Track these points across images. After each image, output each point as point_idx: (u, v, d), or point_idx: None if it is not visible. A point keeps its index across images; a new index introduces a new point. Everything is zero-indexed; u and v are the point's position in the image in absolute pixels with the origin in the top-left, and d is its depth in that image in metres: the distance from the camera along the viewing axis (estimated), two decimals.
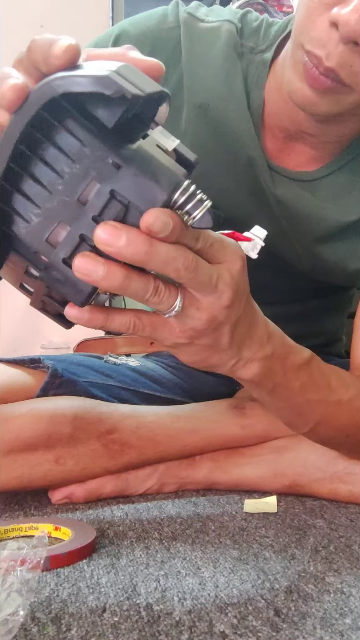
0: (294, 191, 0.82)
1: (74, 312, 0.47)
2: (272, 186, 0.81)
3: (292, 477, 0.81)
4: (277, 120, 0.80)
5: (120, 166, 0.41)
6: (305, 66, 0.66)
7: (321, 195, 0.82)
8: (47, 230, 0.43)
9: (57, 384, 0.83)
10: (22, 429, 0.75)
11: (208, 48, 0.80)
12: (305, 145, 0.81)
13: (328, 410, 0.68)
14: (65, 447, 0.77)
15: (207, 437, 0.84)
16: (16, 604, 0.42)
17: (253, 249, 0.52)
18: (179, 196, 0.42)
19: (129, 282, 0.44)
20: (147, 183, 0.41)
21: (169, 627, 0.45)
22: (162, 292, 0.46)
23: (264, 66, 0.80)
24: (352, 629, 0.45)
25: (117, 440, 0.80)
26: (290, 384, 0.63)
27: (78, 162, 0.42)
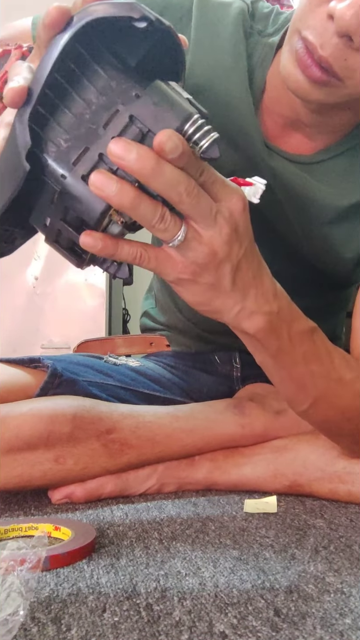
0: (290, 169, 0.82)
1: (88, 239, 0.50)
2: (268, 158, 0.82)
3: (292, 477, 0.81)
4: (277, 105, 0.81)
5: (140, 96, 0.47)
6: (299, 53, 0.67)
7: (318, 178, 0.83)
8: (74, 154, 0.47)
9: (56, 383, 0.83)
10: (21, 428, 0.75)
11: (218, 20, 0.82)
12: (302, 135, 0.82)
13: (329, 387, 0.68)
14: (64, 447, 0.77)
15: (206, 437, 0.84)
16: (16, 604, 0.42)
17: (255, 194, 0.57)
18: (189, 126, 0.47)
19: (139, 202, 0.48)
20: (163, 112, 0.46)
21: (169, 627, 0.45)
22: (168, 220, 0.50)
23: (270, 49, 0.81)
24: (352, 629, 0.45)
25: (117, 440, 0.80)
26: (294, 351, 0.64)
27: (104, 94, 0.47)
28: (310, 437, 0.82)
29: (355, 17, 0.61)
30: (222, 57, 0.81)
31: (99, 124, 0.47)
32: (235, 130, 0.81)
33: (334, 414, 0.71)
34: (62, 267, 2.05)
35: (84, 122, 0.47)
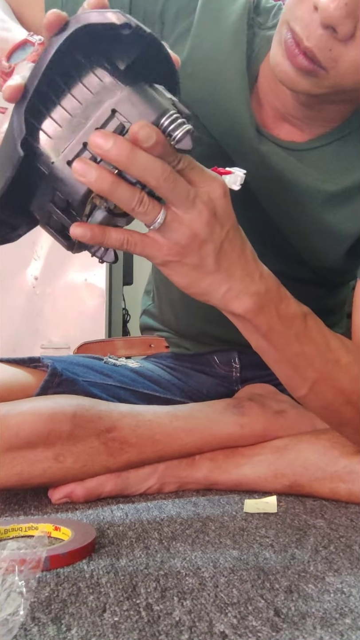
0: (279, 154, 0.82)
1: (78, 230, 0.55)
2: (257, 143, 0.82)
3: (292, 477, 0.81)
4: (268, 97, 0.81)
5: (123, 93, 0.52)
6: (287, 43, 0.68)
7: (307, 164, 0.83)
8: (62, 144, 0.53)
9: (56, 382, 0.83)
10: (21, 427, 0.76)
11: (223, 7, 0.83)
12: (292, 127, 0.82)
13: (326, 368, 0.69)
14: (64, 445, 0.77)
15: (206, 436, 0.84)
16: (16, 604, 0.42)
17: (235, 182, 0.60)
18: (165, 120, 0.52)
19: (116, 187, 0.53)
20: (141, 106, 0.52)
21: (169, 627, 0.45)
22: (147, 203, 0.54)
23: (267, 42, 0.81)
24: (352, 629, 0.45)
25: (117, 439, 0.80)
26: (286, 332, 0.66)
27: (93, 92, 0.52)
28: (311, 437, 0.82)
29: (338, 8, 0.62)
30: (223, 42, 0.82)
31: (87, 117, 0.52)
32: (228, 113, 0.82)
33: (333, 397, 0.71)
34: (62, 267, 2.05)
35: (74, 115, 0.52)
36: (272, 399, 0.91)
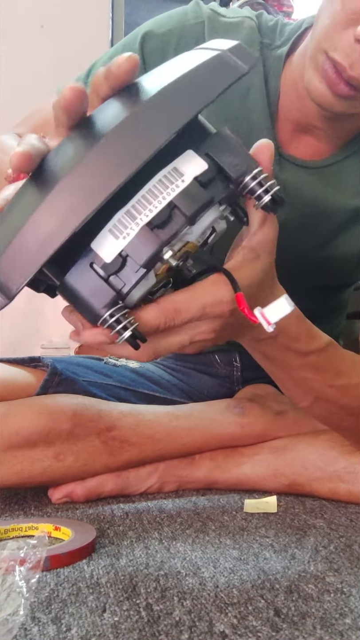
0: (300, 176, 0.84)
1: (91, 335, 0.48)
2: (278, 170, 0.83)
3: (291, 477, 0.81)
4: (289, 112, 0.83)
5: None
6: (327, 72, 0.71)
7: (327, 181, 0.84)
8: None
9: (56, 382, 0.83)
10: (21, 425, 0.76)
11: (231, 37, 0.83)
12: (312, 138, 0.83)
13: (330, 391, 0.68)
14: (64, 444, 0.78)
15: (206, 436, 0.84)
16: (16, 604, 0.42)
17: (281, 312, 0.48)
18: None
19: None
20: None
21: (169, 627, 0.45)
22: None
23: (279, 60, 0.83)
24: (352, 629, 0.45)
25: (117, 437, 0.80)
26: (294, 363, 0.64)
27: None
28: (311, 437, 0.82)
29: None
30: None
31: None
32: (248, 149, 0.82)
33: (336, 410, 0.71)
34: None
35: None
36: (272, 400, 0.91)
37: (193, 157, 0.43)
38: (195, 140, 0.43)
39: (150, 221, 0.41)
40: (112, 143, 0.39)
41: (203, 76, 0.41)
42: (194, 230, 0.46)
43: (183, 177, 0.42)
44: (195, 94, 0.40)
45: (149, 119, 0.39)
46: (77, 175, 0.38)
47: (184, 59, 0.44)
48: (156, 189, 0.41)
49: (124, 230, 0.41)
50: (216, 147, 0.44)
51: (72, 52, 1.91)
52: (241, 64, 0.42)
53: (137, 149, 0.38)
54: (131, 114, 0.39)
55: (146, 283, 0.45)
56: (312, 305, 0.70)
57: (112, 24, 2.13)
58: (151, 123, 0.39)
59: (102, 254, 0.42)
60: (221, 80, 0.41)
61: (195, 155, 0.43)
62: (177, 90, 0.40)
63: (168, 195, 0.41)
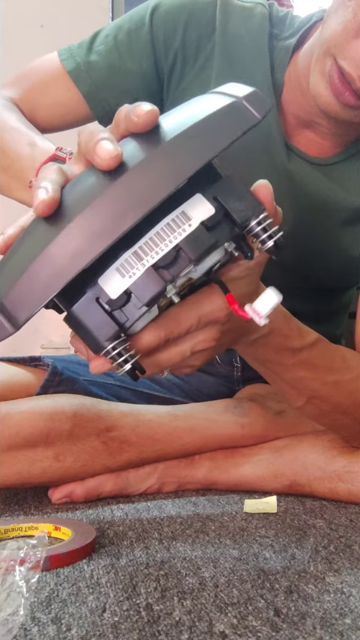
0: (305, 169, 0.84)
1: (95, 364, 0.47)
2: (286, 161, 0.83)
3: (291, 477, 0.81)
4: (292, 106, 0.83)
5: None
6: (334, 79, 0.70)
7: (334, 179, 0.84)
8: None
9: (57, 381, 0.83)
10: (22, 426, 0.76)
11: (242, 25, 0.84)
12: (314, 134, 0.83)
13: (324, 388, 0.68)
14: (64, 444, 0.78)
15: (206, 436, 0.84)
16: (16, 604, 0.42)
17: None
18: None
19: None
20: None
21: (169, 627, 0.45)
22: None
23: (286, 52, 0.83)
24: (352, 629, 0.45)
25: (117, 438, 0.80)
26: (285, 363, 0.64)
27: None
28: (310, 437, 0.82)
29: None
30: (248, 59, 0.83)
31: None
32: (260, 134, 0.82)
33: (329, 409, 0.71)
34: None
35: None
36: (272, 400, 0.91)
37: (201, 201, 0.44)
38: (204, 183, 0.44)
39: (155, 263, 0.43)
40: (125, 186, 0.40)
41: (217, 124, 0.42)
42: (198, 269, 0.47)
43: (190, 221, 0.43)
44: (208, 143, 0.41)
45: (162, 165, 0.41)
46: (89, 216, 0.40)
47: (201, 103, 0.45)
48: (164, 232, 0.43)
49: (130, 270, 0.43)
50: (224, 192, 0.44)
51: None
52: (255, 114, 0.43)
53: (147, 194, 0.40)
54: (145, 159, 0.41)
55: (149, 316, 0.47)
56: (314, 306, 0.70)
57: None
58: (163, 169, 0.40)
59: (108, 290, 0.43)
60: (234, 130, 0.42)
61: (203, 200, 0.44)
62: (190, 138, 0.41)
63: (175, 238, 0.43)
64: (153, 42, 0.83)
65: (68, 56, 0.86)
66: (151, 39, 0.83)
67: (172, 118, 0.44)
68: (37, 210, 0.41)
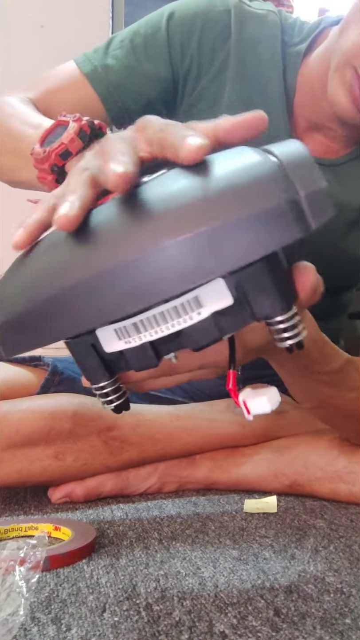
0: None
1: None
2: None
3: (292, 477, 0.81)
4: (303, 110, 0.84)
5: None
6: (353, 87, 0.73)
7: (341, 180, 0.85)
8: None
9: (57, 381, 0.83)
10: (22, 424, 0.76)
11: (256, 32, 0.86)
12: (324, 137, 0.85)
13: (333, 401, 0.68)
14: (65, 443, 0.78)
15: (207, 436, 0.84)
16: (16, 604, 0.42)
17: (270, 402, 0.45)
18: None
19: None
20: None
21: (169, 627, 0.45)
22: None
23: (297, 57, 0.85)
24: (352, 629, 0.45)
25: (117, 437, 0.80)
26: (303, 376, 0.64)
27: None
28: (311, 437, 0.82)
29: None
30: (262, 66, 0.85)
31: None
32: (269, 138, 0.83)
33: (334, 413, 0.71)
34: None
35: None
36: None
37: (220, 288, 0.38)
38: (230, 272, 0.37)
39: (154, 340, 0.40)
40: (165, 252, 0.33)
41: (272, 221, 0.33)
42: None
43: (201, 309, 0.38)
44: (257, 242, 0.33)
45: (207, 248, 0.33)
46: (120, 271, 0.34)
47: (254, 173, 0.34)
48: (169, 314, 0.39)
49: (128, 337, 0.40)
50: (251, 281, 0.38)
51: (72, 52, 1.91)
52: (311, 220, 0.34)
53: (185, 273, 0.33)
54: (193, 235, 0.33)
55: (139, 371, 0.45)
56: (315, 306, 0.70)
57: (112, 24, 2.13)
58: (207, 253, 0.33)
59: (103, 344, 0.41)
60: (286, 235, 0.33)
61: (223, 287, 0.38)
62: (240, 230, 0.33)
63: (178, 324, 0.39)
64: (170, 47, 0.85)
65: (84, 60, 0.88)
66: (168, 44, 0.84)
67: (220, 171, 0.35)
68: (58, 223, 0.37)
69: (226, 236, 0.33)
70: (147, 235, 0.34)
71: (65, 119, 0.58)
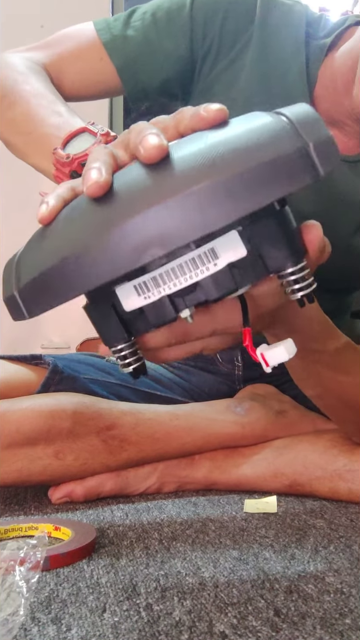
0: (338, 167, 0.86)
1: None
2: None
3: (292, 476, 0.81)
4: (323, 103, 0.85)
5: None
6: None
7: (354, 174, 0.86)
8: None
9: (57, 379, 0.83)
10: (22, 423, 0.76)
11: (281, 21, 0.86)
12: (341, 133, 0.85)
13: (337, 386, 0.69)
14: (64, 442, 0.78)
15: (206, 436, 0.84)
16: (16, 604, 0.42)
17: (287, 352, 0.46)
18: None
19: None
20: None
21: (169, 627, 0.45)
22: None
23: (321, 51, 0.85)
24: (352, 629, 0.45)
25: (116, 437, 0.80)
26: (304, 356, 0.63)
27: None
28: (311, 436, 0.83)
29: None
30: (285, 53, 0.85)
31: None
32: None
33: (336, 403, 0.72)
34: None
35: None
36: (273, 399, 0.91)
37: (235, 241, 0.41)
38: (243, 220, 0.40)
39: (173, 292, 0.42)
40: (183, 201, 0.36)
41: (284, 167, 0.36)
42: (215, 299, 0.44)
43: (217, 260, 0.41)
44: (269, 188, 0.36)
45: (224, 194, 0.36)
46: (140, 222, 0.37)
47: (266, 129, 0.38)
48: (187, 266, 0.41)
49: (147, 292, 0.42)
50: (263, 234, 0.41)
51: None
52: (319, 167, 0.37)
53: (204, 219, 0.36)
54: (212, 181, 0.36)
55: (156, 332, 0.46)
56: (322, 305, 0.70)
57: None
58: (225, 198, 0.36)
59: (123, 302, 0.43)
60: (297, 180, 0.37)
61: (237, 240, 0.41)
62: (254, 176, 0.36)
63: (196, 275, 0.41)
64: (192, 25, 0.84)
65: (104, 27, 0.87)
66: (190, 22, 0.84)
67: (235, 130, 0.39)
68: (89, 190, 0.39)
69: (244, 182, 0.36)
70: (171, 185, 0.37)
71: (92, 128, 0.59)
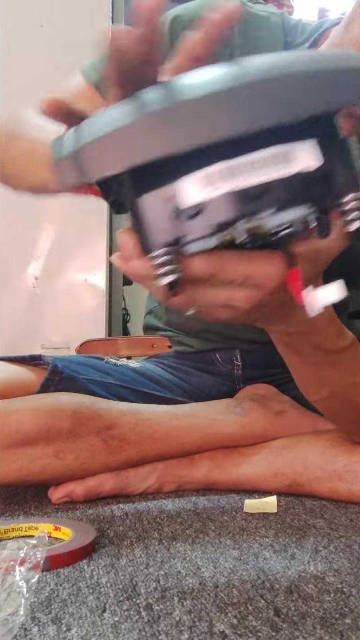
0: None
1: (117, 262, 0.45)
2: None
3: (291, 476, 0.81)
4: None
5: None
6: None
7: None
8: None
9: (57, 380, 0.83)
10: (21, 423, 0.76)
11: (259, 32, 0.87)
12: None
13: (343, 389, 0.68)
14: (64, 442, 0.78)
15: (206, 436, 0.84)
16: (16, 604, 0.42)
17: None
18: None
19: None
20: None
21: (169, 627, 0.45)
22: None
23: None
24: (352, 629, 0.45)
25: (116, 436, 0.81)
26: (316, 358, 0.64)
27: None
28: (310, 436, 0.82)
29: None
30: None
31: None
32: None
33: (339, 405, 0.72)
34: (61, 267, 2.05)
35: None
36: (273, 400, 0.91)
37: (313, 149, 0.39)
38: (321, 133, 0.40)
39: (241, 190, 0.39)
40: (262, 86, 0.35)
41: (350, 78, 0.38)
42: (274, 219, 0.42)
43: (292, 163, 0.39)
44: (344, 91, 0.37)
45: (306, 83, 0.36)
46: (215, 99, 0.35)
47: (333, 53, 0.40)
48: (263, 161, 0.39)
49: (214, 184, 0.39)
50: (336, 153, 0.40)
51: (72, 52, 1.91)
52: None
53: (284, 106, 0.35)
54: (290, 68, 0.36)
55: (206, 243, 0.42)
56: None
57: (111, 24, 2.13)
58: (306, 87, 0.35)
59: (183, 195, 0.40)
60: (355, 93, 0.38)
61: (316, 149, 0.39)
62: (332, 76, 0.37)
63: (269, 174, 0.39)
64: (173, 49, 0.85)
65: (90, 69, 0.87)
66: (170, 44, 0.84)
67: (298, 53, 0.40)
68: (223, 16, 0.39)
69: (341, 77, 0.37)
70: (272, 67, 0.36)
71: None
